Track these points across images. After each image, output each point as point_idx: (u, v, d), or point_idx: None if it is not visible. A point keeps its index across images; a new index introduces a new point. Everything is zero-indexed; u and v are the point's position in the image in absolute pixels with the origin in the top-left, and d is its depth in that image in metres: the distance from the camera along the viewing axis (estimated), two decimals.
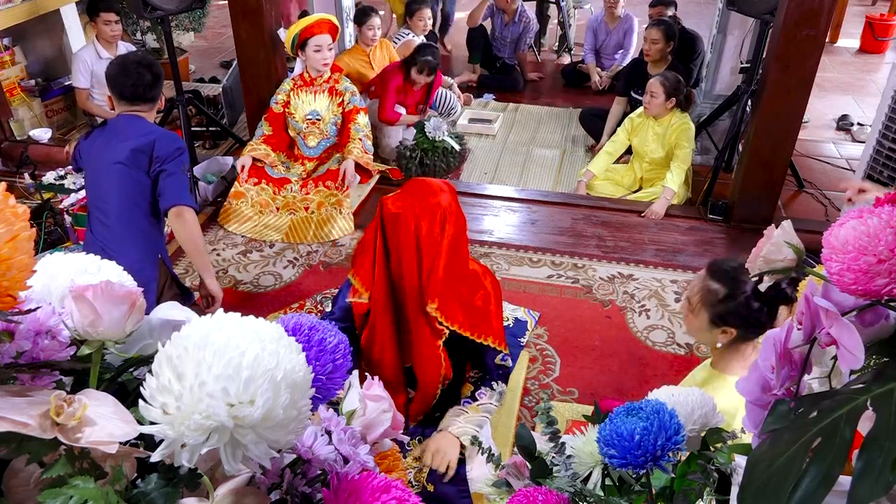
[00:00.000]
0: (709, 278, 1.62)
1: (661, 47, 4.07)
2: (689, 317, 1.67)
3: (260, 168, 3.55)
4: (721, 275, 1.61)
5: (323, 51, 3.44)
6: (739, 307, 1.57)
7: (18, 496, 0.51)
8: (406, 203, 1.80)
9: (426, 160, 4.01)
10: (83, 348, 0.57)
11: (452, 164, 4.13)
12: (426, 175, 3.98)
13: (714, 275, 1.61)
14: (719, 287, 1.59)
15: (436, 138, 4.04)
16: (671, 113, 3.60)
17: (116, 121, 2.45)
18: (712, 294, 1.60)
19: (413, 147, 4.05)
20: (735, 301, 1.57)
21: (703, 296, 1.61)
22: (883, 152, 2.89)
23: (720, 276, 1.60)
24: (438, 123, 4.11)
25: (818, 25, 2.93)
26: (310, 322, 0.67)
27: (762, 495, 0.48)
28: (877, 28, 6.35)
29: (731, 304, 1.57)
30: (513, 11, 5.32)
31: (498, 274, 3.08)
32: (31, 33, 4.38)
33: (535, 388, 2.49)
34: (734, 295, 1.57)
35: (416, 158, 4.00)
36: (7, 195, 0.49)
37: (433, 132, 4.04)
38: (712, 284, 1.60)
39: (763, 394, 0.59)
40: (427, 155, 4.02)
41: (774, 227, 0.64)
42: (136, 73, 2.37)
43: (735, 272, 1.60)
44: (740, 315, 1.58)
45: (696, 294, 1.64)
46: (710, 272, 1.63)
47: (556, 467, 0.81)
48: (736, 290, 1.57)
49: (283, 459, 0.62)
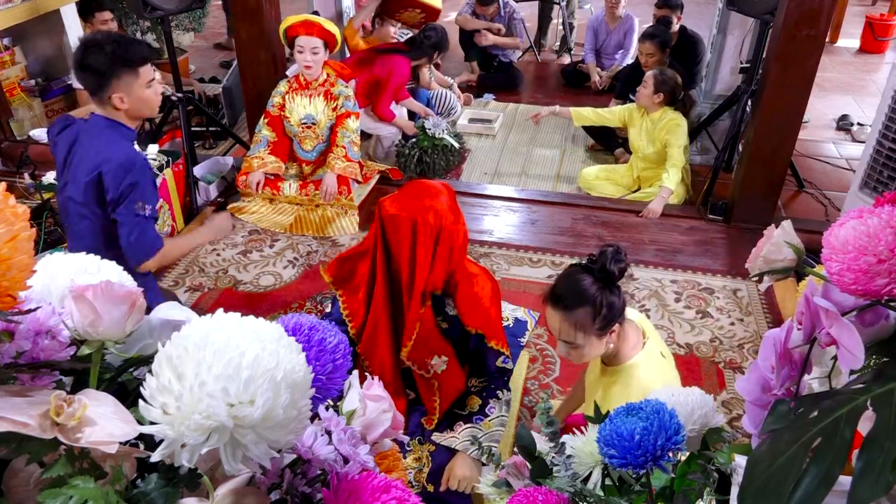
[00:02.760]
0: (567, 312, 1.57)
1: (657, 59, 4.12)
2: (581, 352, 1.62)
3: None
4: (572, 300, 1.57)
5: (305, 53, 3.37)
6: (609, 306, 1.57)
7: (18, 496, 0.51)
8: (404, 204, 1.80)
9: (426, 158, 3.99)
10: (83, 348, 0.57)
11: (452, 162, 4.11)
12: (425, 173, 3.98)
13: (568, 305, 1.57)
14: (583, 310, 1.56)
15: (435, 135, 4.02)
16: (663, 109, 3.62)
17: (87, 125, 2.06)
18: (583, 320, 1.57)
19: (412, 145, 4.04)
20: (602, 306, 1.56)
21: (578, 327, 1.58)
22: (883, 152, 2.89)
23: (573, 302, 1.57)
24: (438, 121, 4.09)
25: (818, 25, 2.93)
26: (310, 322, 0.67)
27: (762, 495, 0.48)
28: (877, 28, 6.35)
29: (602, 312, 1.56)
30: (495, 10, 5.31)
31: (498, 274, 3.08)
32: (31, 33, 4.38)
33: (534, 388, 2.49)
34: (597, 304, 1.56)
35: (414, 156, 4.00)
36: (7, 195, 0.49)
37: (433, 129, 4.03)
38: (576, 313, 1.57)
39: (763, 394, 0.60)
40: (427, 153, 4.00)
41: (774, 227, 0.64)
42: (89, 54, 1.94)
43: (573, 286, 1.58)
44: (614, 311, 1.57)
45: (570, 333, 1.59)
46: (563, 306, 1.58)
47: (556, 467, 0.81)
48: (594, 299, 1.56)
49: (283, 459, 0.62)
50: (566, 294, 1.59)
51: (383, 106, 4.07)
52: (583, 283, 1.58)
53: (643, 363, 1.65)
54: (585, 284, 1.57)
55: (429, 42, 4.17)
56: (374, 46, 4.19)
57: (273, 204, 3.56)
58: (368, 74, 4.05)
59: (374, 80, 4.08)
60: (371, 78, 4.06)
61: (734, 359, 2.63)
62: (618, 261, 1.57)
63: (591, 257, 1.62)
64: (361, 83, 4.00)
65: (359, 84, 3.97)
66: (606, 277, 1.58)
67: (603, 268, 1.57)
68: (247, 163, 3.54)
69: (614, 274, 1.57)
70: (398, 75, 4.07)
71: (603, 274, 1.57)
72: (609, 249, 1.58)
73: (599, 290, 1.57)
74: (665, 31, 4.28)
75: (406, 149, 4.03)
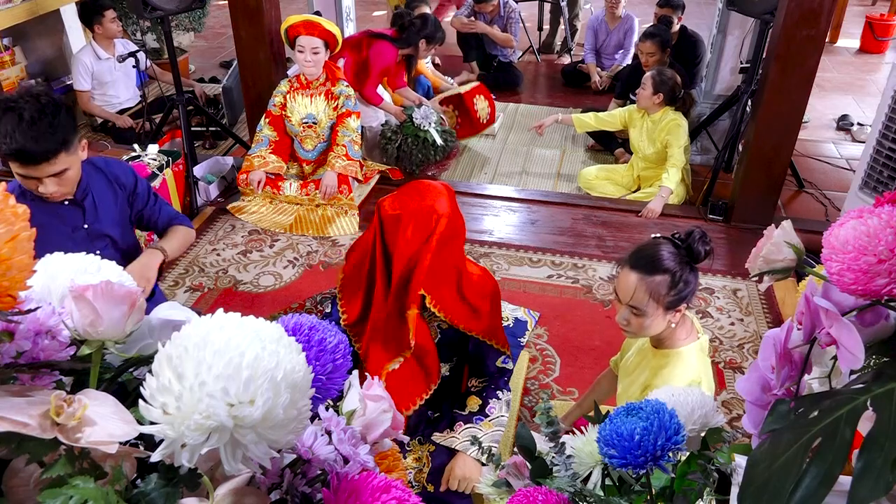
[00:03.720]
0: (645, 276, 1.59)
1: (657, 58, 4.11)
2: (642, 322, 1.62)
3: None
4: (654, 266, 1.59)
5: (306, 53, 3.37)
6: (686, 282, 1.59)
7: (18, 496, 0.51)
8: (403, 204, 1.80)
9: (405, 147, 3.95)
10: (83, 348, 0.57)
11: (432, 157, 4.00)
12: (401, 161, 3.97)
13: (649, 269, 1.59)
14: (662, 278, 1.58)
15: (421, 126, 3.98)
16: (663, 110, 3.62)
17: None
18: (659, 288, 1.58)
19: (396, 130, 4.01)
20: (680, 280, 1.58)
21: (652, 294, 1.58)
22: (883, 152, 2.89)
23: (654, 268, 1.59)
24: (428, 113, 4.04)
25: (818, 25, 2.93)
26: (310, 322, 0.67)
27: (762, 495, 0.48)
28: (877, 28, 6.35)
29: (679, 286, 1.58)
30: (494, 8, 5.30)
31: (498, 274, 3.08)
32: (31, 33, 4.38)
33: (535, 388, 2.49)
34: (676, 276, 1.58)
35: (395, 142, 3.96)
36: (7, 195, 0.49)
37: (420, 120, 3.99)
38: (654, 279, 1.58)
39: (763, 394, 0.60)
40: (406, 142, 3.96)
41: (774, 227, 0.64)
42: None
43: (657, 252, 1.60)
44: (689, 289, 1.60)
45: (641, 298, 1.59)
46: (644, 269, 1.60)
47: (556, 467, 0.81)
48: (675, 271, 1.58)
49: (283, 459, 0.62)
50: (649, 258, 1.60)
51: (369, 89, 4.06)
52: (667, 252, 1.60)
53: (695, 354, 1.66)
54: (669, 254, 1.60)
55: (415, 29, 4.11)
56: (368, 31, 4.19)
57: (273, 204, 3.56)
58: (357, 56, 4.06)
59: (361, 61, 4.09)
60: (359, 59, 4.07)
61: (734, 359, 2.63)
62: (704, 242, 1.60)
63: (676, 234, 1.64)
64: (350, 64, 4.01)
65: (347, 65, 3.98)
66: (690, 255, 1.60)
67: (689, 246, 1.60)
68: (248, 162, 3.54)
69: (700, 254, 1.60)
70: (381, 61, 4.05)
71: (688, 251, 1.60)
72: (696, 230, 1.61)
73: (681, 264, 1.59)
74: (665, 31, 4.28)
75: (389, 132, 4.01)
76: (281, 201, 3.56)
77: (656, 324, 1.63)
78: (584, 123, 3.95)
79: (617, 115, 3.87)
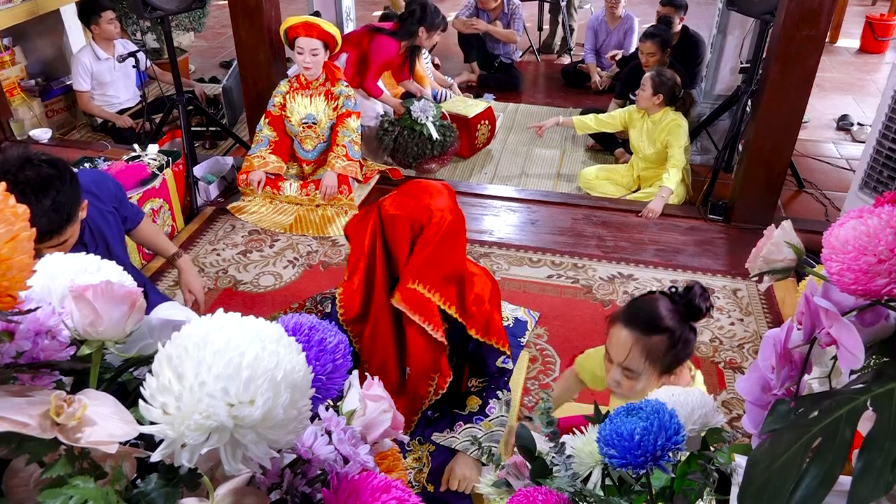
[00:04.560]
0: (641, 336, 1.48)
1: (658, 58, 4.12)
2: (634, 385, 1.51)
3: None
4: (651, 325, 1.48)
5: (305, 54, 3.38)
6: (685, 343, 1.49)
7: (18, 496, 0.51)
8: (403, 204, 1.80)
9: (401, 139, 3.95)
10: (83, 348, 0.57)
11: (427, 152, 3.97)
12: (395, 153, 3.97)
13: (645, 329, 1.48)
14: (659, 338, 1.47)
15: (418, 120, 3.97)
16: (663, 110, 3.62)
17: None
18: (658, 349, 1.47)
19: (394, 122, 4.00)
20: (679, 340, 1.48)
21: (648, 356, 1.48)
22: (883, 152, 2.89)
23: (652, 327, 1.48)
24: (426, 106, 4.02)
25: (818, 25, 2.93)
26: (310, 322, 0.67)
27: (762, 495, 0.48)
28: (877, 28, 6.35)
29: (678, 346, 1.48)
30: (498, 5, 5.30)
31: (498, 274, 3.08)
32: (31, 33, 4.38)
33: (535, 388, 2.49)
34: (675, 336, 1.48)
35: (392, 134, 3.96)
36: (7, 195, 0.49)
37: (418, 113, 3.98)
38: (651, 339, 1.47)
39: (763, 394, 0.60)
40: (402, 134, 3.95)
41: (774, 227, 0.64)
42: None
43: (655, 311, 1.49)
44: (687, 350, 1.50)
45: (637, 360, 1.48)
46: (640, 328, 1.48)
47: (556, 467, 0.81)
48: (675, 331, 1.48)
49: (283, 459, 0.62)
50: (646, 316, 1.49)
51: (370, 82, 4.06)
52: (665, 310, 1.49)
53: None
54: (668, 312, 1.49)
55: (413, 19, 4.07)
56: (369, 25, 4.19)
57: (273, 204, 3.56)
58: (358, 50, 4.06)
59: (361, 55, 4.09)
60: (360, 53, 4.08)
61: (734, 359, 2.63)
62: (705, 299, 1.49)
63: (674, 290, 1.54)
64: (351, 59, 4.01)
65: (348, 60, 3.99)
66: (690, 313, 1.50)
67: (689, 303, 1.49)
68: (248, 162, 3.54)
69: (700, 311, 1.49)
70: (381, 55, 4.05)
71: (687, 308, 1.50)
72: (696, 286, 1.50)
73: (680, 323, 1.49)
74: (666, 31, 4.28)
75: (387, 123, 4.00)
76: (281, 201, 3.56)
77: (649, 386, 1.51)
78: (585, 125, 3.95)
79: (617, 116, 3.87)
